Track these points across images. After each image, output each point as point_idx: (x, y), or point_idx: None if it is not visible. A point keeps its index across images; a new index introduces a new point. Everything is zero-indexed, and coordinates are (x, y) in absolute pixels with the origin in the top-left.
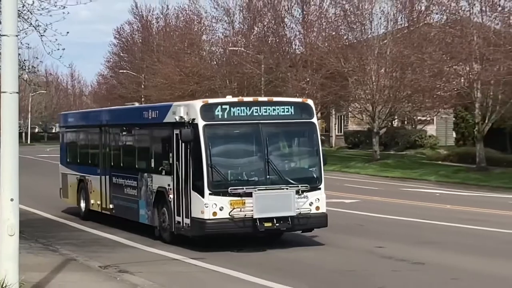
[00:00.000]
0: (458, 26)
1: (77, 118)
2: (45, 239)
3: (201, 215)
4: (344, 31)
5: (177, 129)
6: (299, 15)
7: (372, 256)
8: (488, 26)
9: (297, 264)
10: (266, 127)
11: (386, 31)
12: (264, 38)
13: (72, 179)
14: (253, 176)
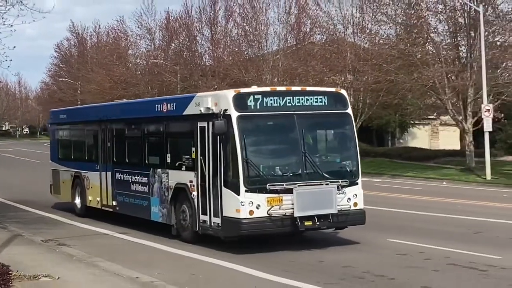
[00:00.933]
0: (335, 45)
1: (72, 114)
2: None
3: (236, 214)
4: (244, 48)
5: (201, 121)
6: (208, 34)
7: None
8: (358, 45)
9: (330, 265)
10: (301, 118)
11: (278, 48)
12: (180, 53)
13: (65, 175)
14: (291, 171)
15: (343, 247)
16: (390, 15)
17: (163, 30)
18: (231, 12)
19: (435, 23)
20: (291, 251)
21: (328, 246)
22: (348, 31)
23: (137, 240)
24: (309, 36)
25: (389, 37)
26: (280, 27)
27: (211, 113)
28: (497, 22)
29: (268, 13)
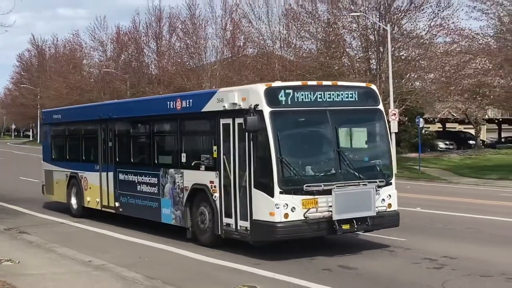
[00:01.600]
0: (265, 57)
1: (67, 114)
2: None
3: (269, 218)
4: (186, 59)
5: (225, 118)
6: (154, 47)
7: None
8: (285, 57)
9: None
10: (334, 114)
11: (216, 59)
12: (129, 63)
13: (60, 175)
14: (327, 171)
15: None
16: (312, 32)
17: (114, 43)
18: (174, 27)
19: (350, 40)
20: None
21: (355, 248)
22: (276, 45)
23: (91, 228)
24: (242, 50)
25: (311, 51)
26: (217, 41)
27: (238, 109)
28: (402, 39)
29: (207, 29)
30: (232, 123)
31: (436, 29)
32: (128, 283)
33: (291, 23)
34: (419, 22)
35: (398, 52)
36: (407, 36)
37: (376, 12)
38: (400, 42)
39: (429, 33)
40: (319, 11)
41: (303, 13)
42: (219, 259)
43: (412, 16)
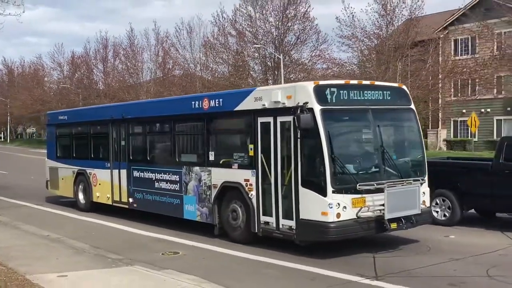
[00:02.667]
0: (189, 77)
1: (75, 115)
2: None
3: (321, 218)
4: (127, 77)
5: (264, 116)
6: (101, 68)
7: None
8: (204, 78)
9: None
10: (376, 113)
11: (150, 78)
12: (81, 80)
13: (66, 172)
14: (375, 170)
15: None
16: (224, 59)
17: (69, 64)
18: (118, 53)
19: (253, 65)
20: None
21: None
22: (197, 68)
23: (49, 209)
24: (171, 71)
25: (224, 73)
26: (151, 64)
27: (281, 107)
28: (291, 66)
29: (143, 54)
30: (273, 121)
31: (316, 58)
32: (78, 252)
33: (208, 52)
34: (304, 52)
35: (289, 75)
36: (295, 63)
37: (272, 45)
38: (290, 67)
39: (311, 61)
40: (229, 43)
41: (218, 44)
42: (155, 233)
43: (298, 49)
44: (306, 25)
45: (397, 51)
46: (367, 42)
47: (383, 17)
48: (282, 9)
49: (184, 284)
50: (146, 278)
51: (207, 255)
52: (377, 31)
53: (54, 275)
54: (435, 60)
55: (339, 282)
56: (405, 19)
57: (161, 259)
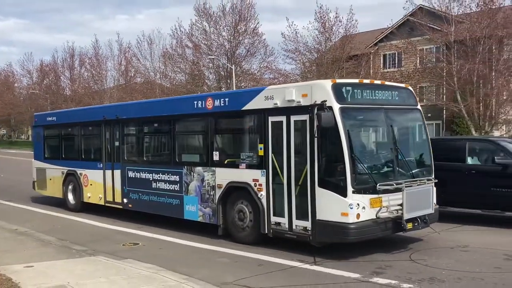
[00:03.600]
0: (149, 84)
1: (64, 116)
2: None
3: (341, 219)
4: (92, 84)
5: (275, 115)
6: (68, 75)
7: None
8: (163, 85)
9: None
10: (388, 112)
11: (113, 85)
12: (49, 86)
13: (54, 173)
14: (392, 169)
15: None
16: (182, 68)
17: (38, 72)
18: (83, 61)
19: (208, 74)
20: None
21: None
22: (157, 76)
23: (19, 205)
24: (133, 79)
25: (181, 81)
26: (115, 72)
27: (296, 106)
28: (242, 75)
29: (107, 63)
30: (286, 120)
31: (264, 69)
32: (45, 244)
33: (167, 61)
34: (253, 64)
35: (240, 83)
36: (245, 73)
37: (225, 56)
38: (241, 77)
39: (260, 72)
40: (186, 54)
41: (176, 55)
42: (115, 226)
43: (248, 60)
44: (255, 40)
45: (334, 64)
46: (308, 55)
47: (322, 34)
48: (234, 24)
49: (143, 272)
50: (108, 267)
51: (164, 246)
52: (317, 46)
53: (21, 265)
54: (366, 72)
55: (283, 267)
56: (341, 36)
57: (122, 249)
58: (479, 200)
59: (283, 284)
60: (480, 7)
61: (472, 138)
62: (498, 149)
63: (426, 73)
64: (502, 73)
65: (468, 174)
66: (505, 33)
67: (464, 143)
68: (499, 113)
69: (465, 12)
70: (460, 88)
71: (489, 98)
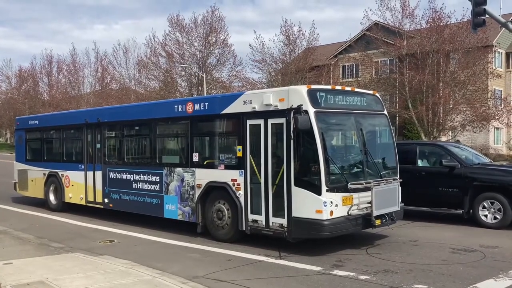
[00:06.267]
0: (125, 90)
1: (45, 120)
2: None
3: (316, 216)
4: (69, 90)
5: (253, 119)
6: (46, 81)
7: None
8: (138, 91)
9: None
10: (358, 116)
11: (90, 91)
12: (28, 91)
13: (35, 174)
14: (361, 169)
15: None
16: (156, 75)
17: (17, 77)
18: (61, 68)
19: (180, 81)
20: None
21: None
22: (132, 83)
23: None
24: (109, 85)
25: (155, 88)
26: (91, 79)
27: (273, 110)
28: (212, 83)
29: (84, 70)
30: (263, 123)
31: (233, 78)
32: (23, 241)
33: (142, 69)
34: (223, 72)
35: (210, 91)
36: (216, 81)
37: (196, 65)
38: (211, 84)
39: (229, 80)
40: (160, 62)
41: (150, 63)
42: (92, 224)
43: (218, 69)
44: (225, 50)
45: (297, 74)
46: (274, 65)
47: (287, 46)
48: (205, 36)
49: (119, 267)
50: (85, 263)
51: (139, 243)
52: (282, 57)
53: (0, 262)
54: (327, 82)
55: (250, 261)
56: (304, 48)
57: (99, 246)
58: (429, 199)
59: (249, 277)
60: (429, 24)
61: (422, 142)
62: (445, 153)
63: (380, 83)
64: (449, 83)
65: (419, 175)
66: (451, 47)
67: (415, 147)
68: (446, 120)
69: (416, 28)
70: (411, 97)
71: (437, 106)
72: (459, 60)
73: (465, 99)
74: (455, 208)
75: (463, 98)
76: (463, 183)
